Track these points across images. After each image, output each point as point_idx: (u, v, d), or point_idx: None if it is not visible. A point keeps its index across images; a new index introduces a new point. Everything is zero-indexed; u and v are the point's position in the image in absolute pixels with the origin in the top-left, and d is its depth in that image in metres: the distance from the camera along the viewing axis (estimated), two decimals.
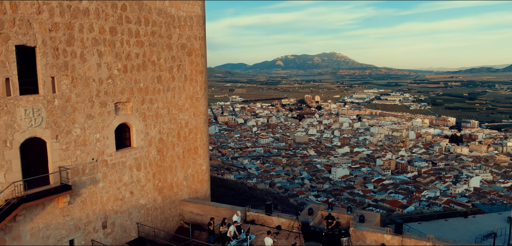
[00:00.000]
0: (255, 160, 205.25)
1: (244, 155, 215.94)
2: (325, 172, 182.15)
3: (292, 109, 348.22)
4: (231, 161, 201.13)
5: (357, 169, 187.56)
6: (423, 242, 21.24)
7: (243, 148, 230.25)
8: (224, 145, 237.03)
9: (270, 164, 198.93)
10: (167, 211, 27.79)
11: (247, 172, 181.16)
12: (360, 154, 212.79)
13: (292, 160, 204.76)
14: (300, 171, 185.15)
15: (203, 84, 29.68)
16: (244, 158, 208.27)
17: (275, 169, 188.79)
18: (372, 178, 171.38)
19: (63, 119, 20.97)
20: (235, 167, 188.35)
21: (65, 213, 21.45)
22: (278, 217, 25.10)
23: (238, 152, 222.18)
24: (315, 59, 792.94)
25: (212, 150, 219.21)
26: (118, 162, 24.12)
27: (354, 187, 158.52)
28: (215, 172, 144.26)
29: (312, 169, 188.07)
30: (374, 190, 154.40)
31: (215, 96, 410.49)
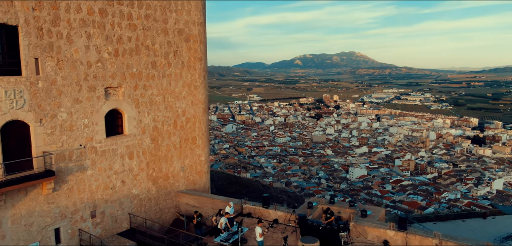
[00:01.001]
0: (271, 159, 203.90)
1: (261, 154, 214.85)
2: (342, 172, 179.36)
3: (310, 108, 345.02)
4: (247, 160, 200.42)
5: (375, 169, 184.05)
6: (429, 239, 19.56)
7: (260, 147, 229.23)
8: (241, 143, 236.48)
9: (287, 163, 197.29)
10: (162, 202, 26.76)
11: (263, 170, 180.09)
12: (378, 154, 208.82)
13: (309, 159, 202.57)
14: (317, 170, 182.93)
15: (202, 72, 28.54)
16: (261, 157, 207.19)
17: (292, 168, 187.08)
18: (391, 178, 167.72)
19: (47, 102, 20.12)
20: (251, 165, 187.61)
21: (49, 200, 20.61)
22: (275, 210, 23.75)
23: (254, 151, 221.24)
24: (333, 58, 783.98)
25: (229, 148, 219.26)
26: (109, 149, 23.19)
27: (372, 187, 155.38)
28: (231, 170, 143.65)
29: (329, 169, 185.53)
30: (392, 191, 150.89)
31: (233, 95, 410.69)
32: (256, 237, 19.27)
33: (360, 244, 20.55)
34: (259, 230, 19.14)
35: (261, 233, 19.13)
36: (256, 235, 19.23)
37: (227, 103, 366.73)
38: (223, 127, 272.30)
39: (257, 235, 19.18)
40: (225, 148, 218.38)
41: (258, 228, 19.21)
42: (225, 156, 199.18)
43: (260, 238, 19.17)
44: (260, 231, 19.12)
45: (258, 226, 19.33)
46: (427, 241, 19.61)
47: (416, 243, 19.88)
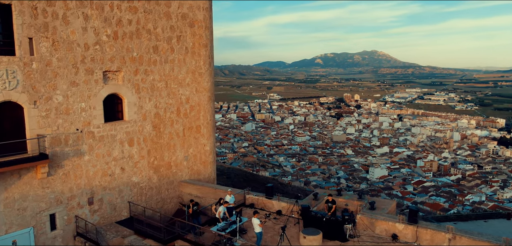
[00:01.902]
0: (290, 158, 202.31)
1: (280, 153, 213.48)
2: (362, 172, 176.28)
3: (330, 108, 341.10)
4: (266, 158, 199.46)
5: (396, 169, 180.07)
6: (442, 234, 18.08)
7: (279, 146, 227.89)
8: (260, 142, 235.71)
9: (306, 162, 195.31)
10: (164, 192, 26.00)
11: (282, 169, 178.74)
12: (400, 154, 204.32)
13: (329, 159, 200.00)
14: (336, 170, 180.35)
15: (207, 59, 27.64)
16: (280, 156, 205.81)
17: (311, 167, 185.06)
18: (412, 179, 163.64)
19: (42, 84, 19.58)
20: (270, 164, 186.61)
21: (44, 184, 20.08)
22: (279, 201, 22.62)
23: (274, 149, 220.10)
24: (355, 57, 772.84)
25: (248, 146, 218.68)
26: (107, 135, 22.55)
27: (393, 188, 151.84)
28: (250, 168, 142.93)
29: (349, 168, 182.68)
30: (413, 192, 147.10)
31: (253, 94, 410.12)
32: (255, 228, 18.23)
33: (367, 237, 19.23)
34: (257, 221, 18.10)
35: (259, 223, 18.07)
36: (255, 226, 18.19)
37: (247, 102, 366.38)
38: (243, 126, 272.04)
39: (255, 226, 18.14)
40: (244, 146, 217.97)
41: (255, 219, 18.16)
42: (244, 154, 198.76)
43: (259, 229, 18.11)
44: (258, 222, 18.07)
45: (255, 217, 18.28)
46: (439, 236, 18.14)
47: (427, 237, 18.43)
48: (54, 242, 20.74)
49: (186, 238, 19.31)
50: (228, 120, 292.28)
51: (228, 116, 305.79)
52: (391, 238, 19.00)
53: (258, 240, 18.18)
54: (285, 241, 18.06)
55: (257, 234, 18.18)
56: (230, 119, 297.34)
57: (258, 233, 18.10)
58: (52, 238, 20.67)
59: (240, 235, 19.54)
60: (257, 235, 18.19)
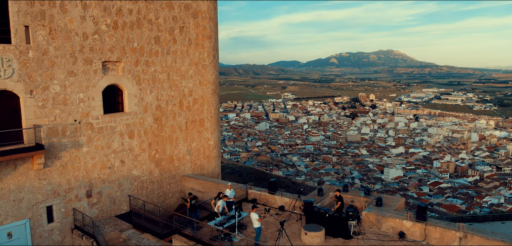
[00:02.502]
0: (304, 158, 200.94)
1: (294, 152, 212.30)
2: (377, 172, 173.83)
3: (345, 107, 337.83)
4: (280, 158, 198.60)
5: (412, 170, 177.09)
6: (452, 232, 17.02)
7: (293, 145, 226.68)
8: (274, 141, 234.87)
9: (320, 162, 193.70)
10: (166, 186, 25.45)
11: (296, 169, 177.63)
12: (415, 155, 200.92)
13: (343, 159, 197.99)
14: (350, 170, 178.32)
15: (211, 51, 26.99)
16: (294, 155, 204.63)
17: (325, 167, 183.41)
18: (428, 180, 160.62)
19: (39, 73, 19.19)
20: (284, 163, 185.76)
21: (41, 176, 19.69)
22: (282, 196, 21.81)
23: (287, 149, 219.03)
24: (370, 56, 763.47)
25: (262, 146, 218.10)
26: (106, 127, 22.07)
27: (408, 189, 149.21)
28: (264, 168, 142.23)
29: (364, 169, 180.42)
30: (429, 193, 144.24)
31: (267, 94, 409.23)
32: (254, 223, 17.46)
33: (372, 235, 18.28)
34: (255, 216, 17.32)
35: (258, 218, 17.30)
36: (253, 221, 17.42)
37: (261, 101, 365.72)
38: (257, 125, 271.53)
39: (254, 221, 17.36)
40: (257, 146, 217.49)
41: (254, 214, 17.39)
42: (257, 153, 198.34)
43: (258, 224, 17.33)
44: (257, 217, 17.29)
45: (253, 211, 17.51)
46: (449, 234, 17.09)
47: (436, 235, 17.40)
48: (51, 235, 20.36)
49: (183, 232, 18.67)
50: (242, 120, 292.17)
51: (242, 115, 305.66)
52: (397, 236, 18.02)
53: (257, 236, 17.42)
54: (284, 237, 17.26)
55: (256, 230, 17.42)
56: (244, 118, 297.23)
57: (257, 228, 17.34)
58: (49, 230, 20.28)
59: (240, 231, 18.84)
60: (256, 230, 17.43)
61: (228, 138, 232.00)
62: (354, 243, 17.56)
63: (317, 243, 17.54)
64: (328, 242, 17.83)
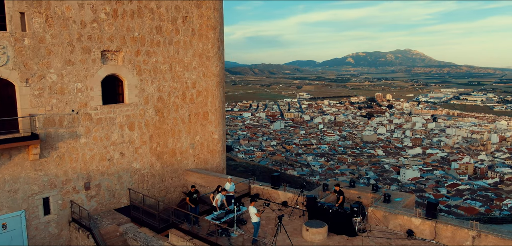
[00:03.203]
0: (319, 157, 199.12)
1: (308, 152, 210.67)
2: (393, 173, 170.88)
3: (361, 107, 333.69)
4: (294, 157, 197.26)
5: (429, 171, 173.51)
6: (464, 231, 15.89)
7: (308, 145, 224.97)
8: (288, 141, 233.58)
9: (335, 162, 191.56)
10: (168, 180, 24.81)
11: (310, 168, 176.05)
12: (433, 156, 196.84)
13: (358, 159, 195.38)
14: (366, 170, 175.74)
15: (215, 42, 26.25)
16: (308, 155, 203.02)
17: (340, 167, 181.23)
18: (446, 182, 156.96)
19: (35, 61, 18.73)
20: (298, 163, 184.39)
21: (37, 166, 19.24)
22: (285, 191, 20.91)
23: (302, 148, 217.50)
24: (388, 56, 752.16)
25: (276, 145, 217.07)
26: (105, 118, 21.53)
27: (425, 190, 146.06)
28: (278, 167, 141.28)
29: (379, 169, 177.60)
30: (447, 195, 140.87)
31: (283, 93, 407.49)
32: (252, 218, 16.62)
33: (379, 232, 17.24)
34: (253, 210, 16.48)
35: (256, 212, 16.45)
36: (251, 215, 16.58)
37: (277, 101, 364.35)
38: (272, 124, 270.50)
39: (252, 216, 16.53)
40: (272, 145, 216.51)
41: (252, 208, 16.55)
42: (272, 153, 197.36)
43: (256, 218, 16.49)
44: (255, 211, 16.45)
45: (251, 205, 16.67)
46: (461, 233, 15.95)
47: (447, 234, 16.27)
48: (47, 227, 19.91)
49: (180, 227, 17.96)
50: (257, 119, 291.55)
51: (257, 115, 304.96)
52: (405, 234, 16.95)
53: (255, 231, 16.59)
54: (283, 233, 16.39)
55: (254, 224, 16.58)
56: (259, 118, 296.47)
57: (255, 223, 16.50)
58: (46, 222, 19.84)
59: (239, 226, 18.04)
60: (254, 225, 16.60)
61: (242, 137, 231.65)
62: (359, 241, 16.57)
63: (319, 240, 16.61)
64: (331, 239, 16.88)
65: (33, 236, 19.48)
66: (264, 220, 18.62)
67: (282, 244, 16.19)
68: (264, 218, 18.91)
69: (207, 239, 16.54)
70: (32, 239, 19.45)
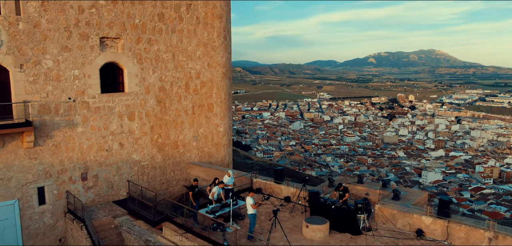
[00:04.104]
0: (338, 158, 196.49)
1: (328, 152, 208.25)
2: (414, 175, 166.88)
3: (382, 108, 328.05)
4: (313, 158, 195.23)
5: (452, 174, 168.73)
6: (480, 232, 14.46)
7: (327, 145, 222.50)
8: (307, 141, 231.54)
9: (354, 163, 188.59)
10: (170, 173, 24.04)
11: (329, 169, 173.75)
12: (456, 158, 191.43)
13: (379, 160, 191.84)
14: (386, 172, 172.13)
15: (222, 31, 25.34)
16: (328, 155, 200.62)
17: (359, 168, 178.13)
18: (470, 185, 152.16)
19: (29, 47, 18.21)
20: (317, 163, 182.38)
21: (31, 155, 18.73)
22: (288, 186, 19.80)
23: (321, 149, 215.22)
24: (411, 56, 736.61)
25: (295, 145, 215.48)
26: (104, 107, 20.90)
27: (447, 193, 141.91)
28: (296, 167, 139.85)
29: (400, 171, 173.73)
30: (471, 199, 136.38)
31: (303, 93, 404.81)
32: (248, 209, 15.59)
33: (385, 231, 15.95)
34: (250, 201, 15.42)
35: (253, 204, 15.40)
36: (248, 207, 15.55)
37: (296, 101, 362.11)
38: (291, 124, 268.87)
39: (249, 207, 15.49)
40: (291, 145, 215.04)
41: (249, 199, 15.49)
42: (291, 152, 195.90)
43: (252, 210, 15.45)
44: (252, 202, 15.39)
45: (249, 195, 15.62)
46: (476, 234, 14.52)
47: (461, 235, 14.85)
48: (42, 217, 19.40)
49: (174, 220, 17.10)
50: (276, 119, 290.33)
51: (277, 114, 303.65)
52: (415, 234, 15.61)
53: (251, 226, 15.55)
54: (280, 230, 15.31)
55: (249, 217, 15.53)
56: (278, 117, 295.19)
57: (251, 215, 15.45)
58: (40, 212, 19.33)
59: (236, 221, 17.05)
60: (249, 217, 15.55)
61: (261, 136, 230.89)
62: (363, 240, 15.32)
63: (319, 238, 15.45)
64: (333, 237, 15.69)
65: (27, 226, 18.99)
66: (264, 215, 17.58)
67: (280, 241, 15.12)
68: (264, 213, 17.87)
69: (200, 234, 15.62)
70: (26, 229, 18.96)
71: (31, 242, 19.15)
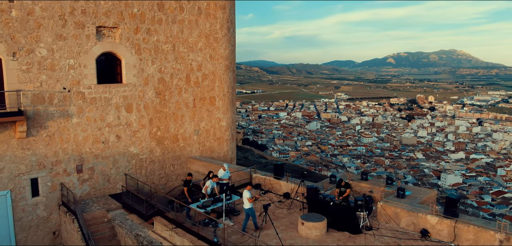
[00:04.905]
0: (355, 159, 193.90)
1: (344, 153, 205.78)
2: (433, 178, 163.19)
3: (401, 109, 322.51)
4: (330, 158, 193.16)
5: (472, 177, 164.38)
6: (490, 233, 13.30)
7: (344, 146, 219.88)
8: (324, 141, 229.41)
9: (372, 164, 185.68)
10: (169, 167, 23.42)
11: (345, 170, 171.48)
12: (477, 161, 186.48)
13: (396, 162, 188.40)
14: (404, 174, 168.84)
15: (225, 23, 24.59)
16: (344, 156, 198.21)
17: (377, 169, 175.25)
18: (491, 189, 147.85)
19: (22, 35, 17.81)
20: (333, 164, 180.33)
21: (24, 145, 18.34)
22: (288, 182, 18.90)
23: (338, 149, 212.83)
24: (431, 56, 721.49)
25: (311, 145, 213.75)
26: (100, 98, 20.39)
27: (467, 197, 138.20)
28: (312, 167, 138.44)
29: (418, 173, 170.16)
30: (492, 203, 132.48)
31: (320, 93, 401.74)
32: (244, 203, 14.80)
33: (387, 231, 14.90)
34: (247, 194, 14.63)
35: (249, 198, 14.60)
36: (244, 201, 14.76)
37: (313, 101, 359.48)
38: (307, 124, 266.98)
39: (245, 201, 14.70)
40: (307, 145, 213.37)
41: (246, 192, 14.70)
42: (307, 153, 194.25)
43: (249, 204, 14.65)
44: (248, 196, 14.60)
45: (247, 189, 14.83)
46: (486, 235, 13.36)
47: (469, 236, 13.71)
48: (35, 210, 19.00)
49: (165, 215, 16.42)
50: (292, 119, 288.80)
51: (293, 114, 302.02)
52: (419, 235, 14.52)
53: (245, 220, 14.74)
54: (278, 227, 14.44)
55: (246, 211, 14.73)
56: (295, 117, 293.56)
57: (247, 209, 14.65)
58: (33, 204, 18.93)
59: (230, 217, 16.26)
60: (245, 212, 14.74)
61: (277, 136, 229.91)
62: (361, 240, 14.32)
63: (315, 236, 14.51)
64: (330, 236, 14.72)
65: (20, 218, 18.61)
66: (258, 212, 16.72)
67: (273, 238, 14.24)
68: (259, 209, 17.00)
69: (190, 229, 14.88)
70: (19, 221, 18.58)
71: (24, 234, 18.78)
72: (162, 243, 15.44)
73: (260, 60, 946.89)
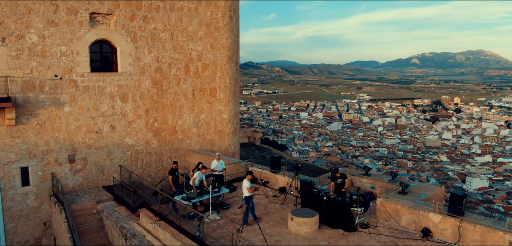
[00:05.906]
0: (377, 160, 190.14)
1: (366, 154, 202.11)
2: (457, 181, 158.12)
3: (425, 110, 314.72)
4: (350, 159, 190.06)
5: (499, 181, 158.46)
6: (499, 234, 11.93)
7: (365, 147, 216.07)
8: (345, 142, 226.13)
9: (394, 166, 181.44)
10: (167, 160, 22.69)
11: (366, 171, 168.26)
12: (505, 165, 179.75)
13: (419, 164, 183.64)
14: (427, 177, 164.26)
15: (227, 11, 23.71)
16: (365, 157, 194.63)
17: (399, 171, 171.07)
18: None
19: (12, 19, 17.39)
20: (354, 165, 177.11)
21: (14, 133, 17.93)
22: (284, 175, 17.84)
23: (359, 151, 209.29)
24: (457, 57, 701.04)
25: (332, 146, 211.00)
26: (94, 86, 19.83)
27: (494, 201, 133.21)
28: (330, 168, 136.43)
29: (442, 176, 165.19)
30: None
31: (342, 94, 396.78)
32: (244, 193, 13.97)
33: (386, 229, 13.68)
34: (247, 183, 13.89)
35: (249, 187, 13.77)
36: (244, 190, 13.96)
37: (335, 101, 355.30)
38: (328, 125, 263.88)
39: (244, 190, 13.90)
40: (328, 146, 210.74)
41: (246, 182, 13.97)
42: (327, 153, 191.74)
43: (247, 193, 13.81)
44: (248, 185, 13.78)
45: (247, 178, 14.03)
46: (494, 236, 12.00)
47: (475, 237, 12.36)
48: (25, 199, 18.57)
49: (151, 207, 15.65)
50: (313, 119, 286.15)
51: (314, 115, 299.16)
52: (420, 234, 13.25)
53: (246, 210, 13.90)
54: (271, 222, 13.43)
55: (244, 201, 13.87)
56: (315, 118, 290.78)
57: (247, 198, 13.80)
58: (23, 194, 18.50)
59: (218, 210, 15.35)
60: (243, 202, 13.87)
61: (298, 136, 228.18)
62: (355, 238, 13.14)
63: (305, 232, 13.43)
64: (321, 233, 13.61)
65: (9, 207, 18.21)
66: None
67: (260, 233, 13.23)
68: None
69: (172, 222, 14.05)
70: (8, 210, 18.19)
71: (13, 224, 18.38)
72: (145, 236, 14.68)
73: (281, 60, 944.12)
